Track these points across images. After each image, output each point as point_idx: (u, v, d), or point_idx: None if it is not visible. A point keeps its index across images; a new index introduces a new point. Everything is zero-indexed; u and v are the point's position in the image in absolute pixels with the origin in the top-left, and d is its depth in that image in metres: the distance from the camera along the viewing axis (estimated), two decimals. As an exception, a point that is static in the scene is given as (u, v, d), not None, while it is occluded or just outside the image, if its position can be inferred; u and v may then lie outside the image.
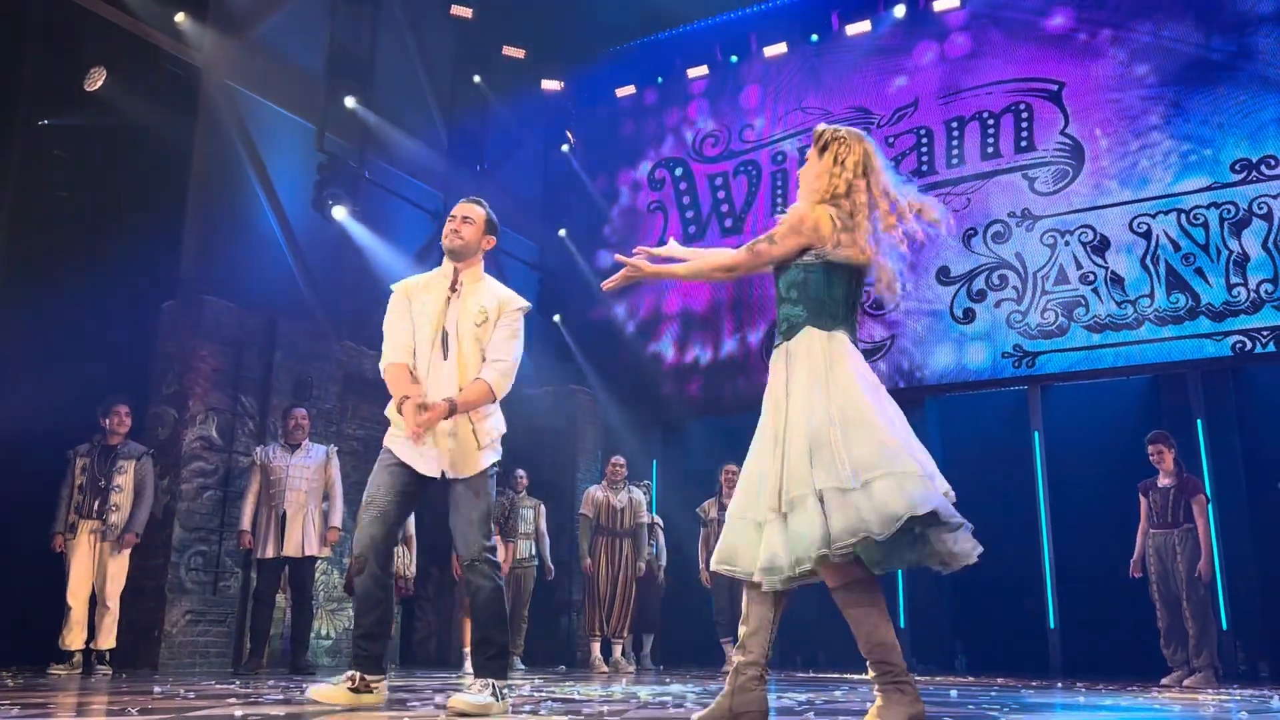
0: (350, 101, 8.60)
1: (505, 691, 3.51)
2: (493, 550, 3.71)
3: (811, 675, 7.60)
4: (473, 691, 3.42)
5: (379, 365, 3.83)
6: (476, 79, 10.42)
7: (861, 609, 2.68)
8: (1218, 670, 6.66)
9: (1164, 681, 6.65)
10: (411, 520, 7.82)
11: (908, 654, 8.76)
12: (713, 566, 2.98)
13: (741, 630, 2.94)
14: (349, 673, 3.63)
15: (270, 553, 6.60)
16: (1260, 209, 8.13)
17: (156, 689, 4.50)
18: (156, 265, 7.50)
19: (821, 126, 3.09)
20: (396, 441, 3.74)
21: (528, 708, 3.76)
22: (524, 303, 3.83)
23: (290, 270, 8.53)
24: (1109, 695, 5.42)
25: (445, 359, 3.70)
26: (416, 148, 9.79)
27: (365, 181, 8.75)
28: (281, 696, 4.14)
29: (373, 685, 3.61)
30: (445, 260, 3.83)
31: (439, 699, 4.16)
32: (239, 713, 3.31)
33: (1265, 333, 7.90)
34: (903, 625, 8.94)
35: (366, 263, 8.74)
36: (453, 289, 3.77)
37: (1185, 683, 6.54)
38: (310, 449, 6.83)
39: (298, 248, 8.59)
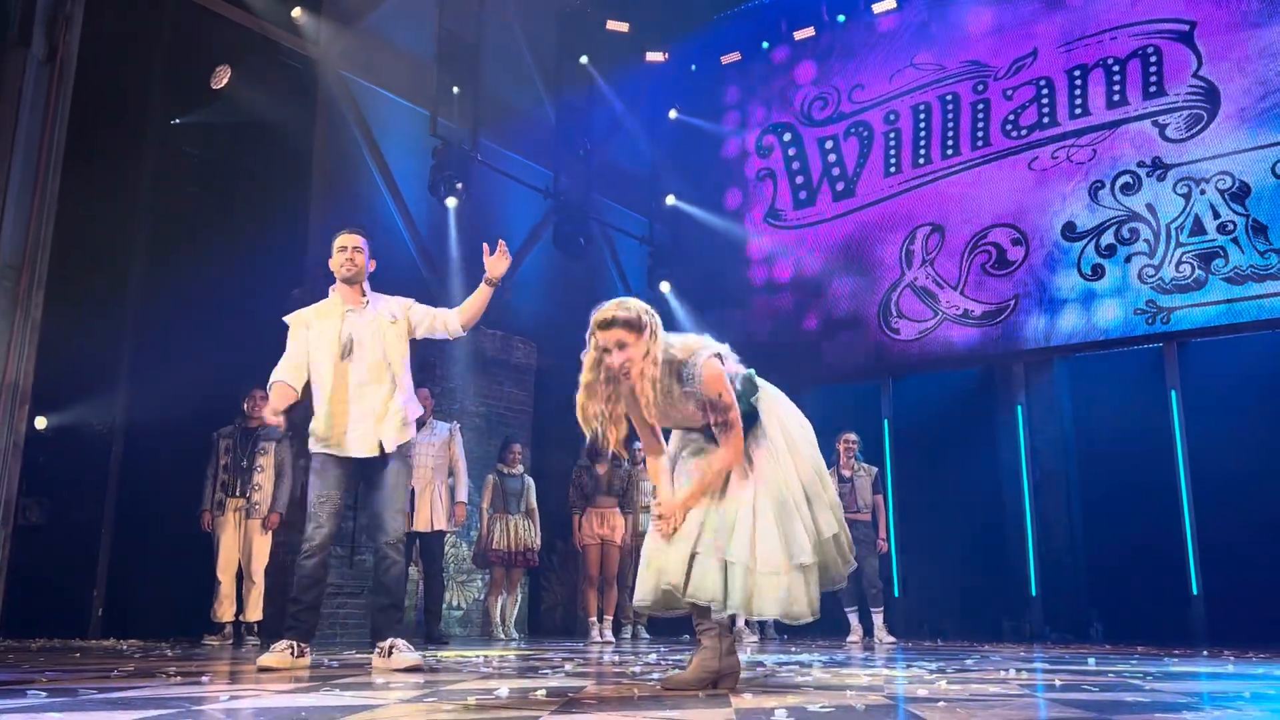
0: (459, 86, 8.74)
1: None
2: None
3: (939, 645, 7.47)
4: (403, 650, 4.04)
5: (272, 379, 4.37)
6: (583, 59, 10.46)
7: None
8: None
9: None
10: (534, 494, 8.00)
11: (1040, 622, 8.55)
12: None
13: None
14: (287, 642, 4.08)
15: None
16: None
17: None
18: (285, 253, 7.80)
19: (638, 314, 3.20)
20: (322, 444, 4.25)
21: (655, 675, 3.81)
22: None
23: (411, 254, 8.77)
24: (1260, 664, 5.17)
25: (350, 359, 4.26)
26: (525, 128, 9.90)
27: (477, 164, 8.90)
28: (422, 665, 4.29)
29: (305, 652, 4.14)
30: (337, 286, 4.40)
31: (568, 667, 4.25)
32: (380, 680, 3.45)
33: None
34: (1034, 594, 8.71)
35: (483, 244, 8.89)
36: (352, 308, 4.35)
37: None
38: (434, 426, 7.04)
39: (417, 232, 8.82)
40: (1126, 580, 8.38)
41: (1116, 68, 9.01)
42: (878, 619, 7.96)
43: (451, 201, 8.51)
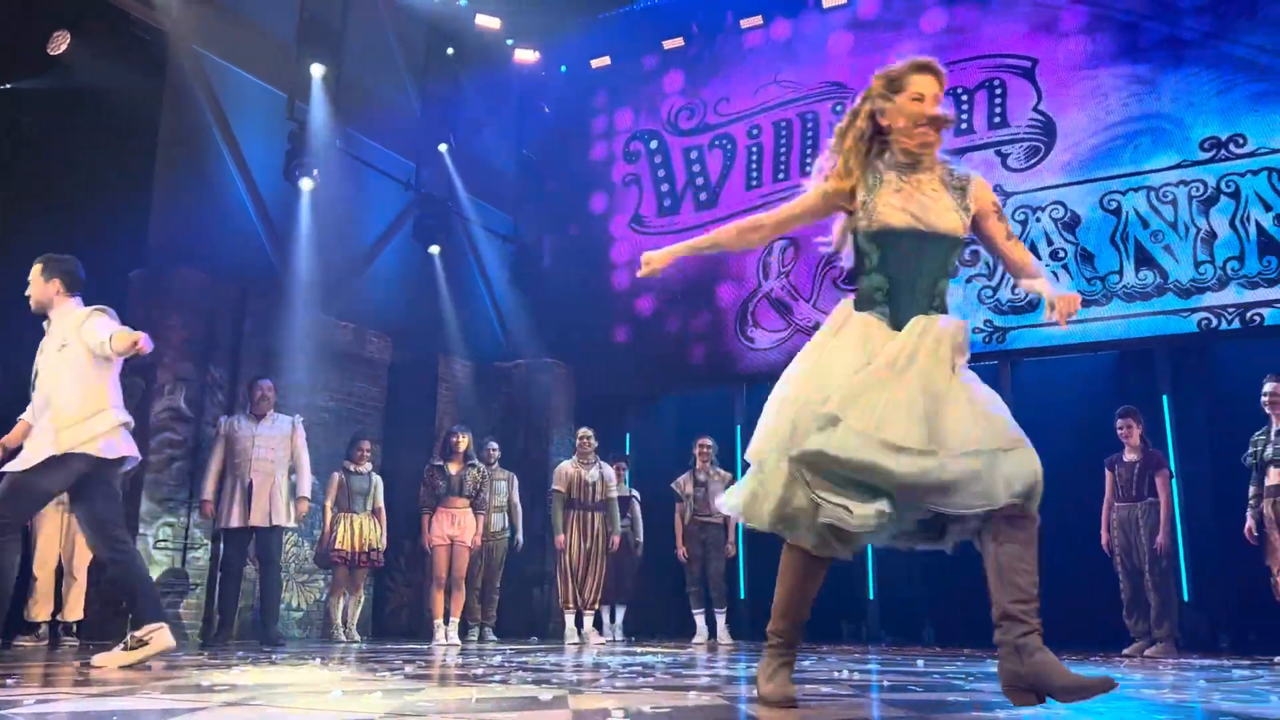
0: (319, 70, 8.47)
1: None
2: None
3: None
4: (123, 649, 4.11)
5: None
6: (450, 51, 10.31)
7: None
8: (1178, 640, 6.78)
9: (1126, 651, 6.77)
10: (381, 493, 7.82)
11: (877, 625, 8.89)
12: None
13: None
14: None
15: (236, 522, 6.57)
16: (1228, 187, 8.21)
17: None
18: (124, 233, 7.40)
19: None
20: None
21: (498, 677, 3.77)
22: (92, 311, 4.38)
23: (260, 240, 8.45)
24: (1072, 665, 5.50)
25: (35, 390, 4.37)
26: (389, 118, 9.68)
27: (336, 150, 8.65)
28: (251, 667, 4.13)
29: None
30: None
31: (408, 669, 4.17)
32: (205, 682, 3.30)
33: (1230, 310, 7.99)
34: (871, 598, 9.05)
35: (338, 233, 8.66)
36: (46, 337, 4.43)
37: (1147, 653, 6.66)
38: (276, 419, 6.81)
39: (268, 217, 8.51)
40: (958, 585, 8.78)
41: (965, 97, 9.47)
42: (720, 620, 8.13)
43: (306, 184, 8.24)
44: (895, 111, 2.73)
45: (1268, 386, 6.22)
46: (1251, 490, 6.29)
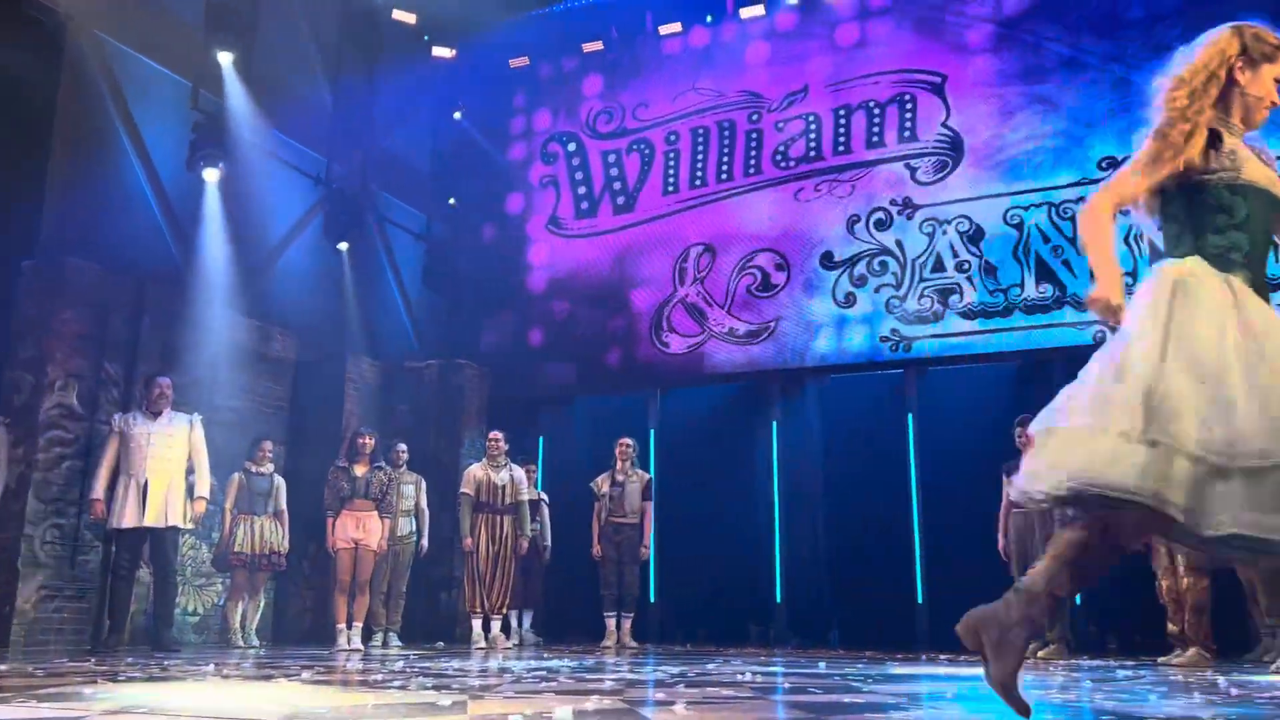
0: (228, 58, 8.23)
1: None
2: None
3: (689, 649, 7.72)
4: None
5: None
6: (363, 44, 10.12)
7: None
8: (1069, 642, 7.01)
9: (1020, 653, 6.96)
10: (284, 494, 7.64)
11: (783, 627, 9.00)
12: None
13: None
14: None
15: (129, 522, 6.33)
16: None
17: (2, 666, 4.28)
18: (16, 222, 7.09)
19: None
20: None
21: (398, 682, 3.71)
22: None
23: (161, 232, 8.17)
24: (967, 666, 5.65)
25: None
26: (300, 111, 9.47)
27: (244, 142, 8.42)
28: (140, 674, 3.99)
29: None
30: None
31: (305, 675, 4.07)
32: (88, 690, 3.18)
33: (1123, 323, 8.30)
34: (779, 601, 9.17)
35: (244, 227, 8.44)
36: None
37: (1039, 654, 6.87)
38: (173, 417, 6.58)
39: (170, 209, 8.24)
40: (862, 588, 8.97)
41: (877, 110, 9.67)
42: (626, 624, 8.14)
43: (211, 175, 8.00)
44: (1257, 80, 2.47)
45: (1155, 398, 6.47)
46: (1139, 497, 6.53)
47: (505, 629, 8.19)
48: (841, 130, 9.78)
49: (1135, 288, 2.35)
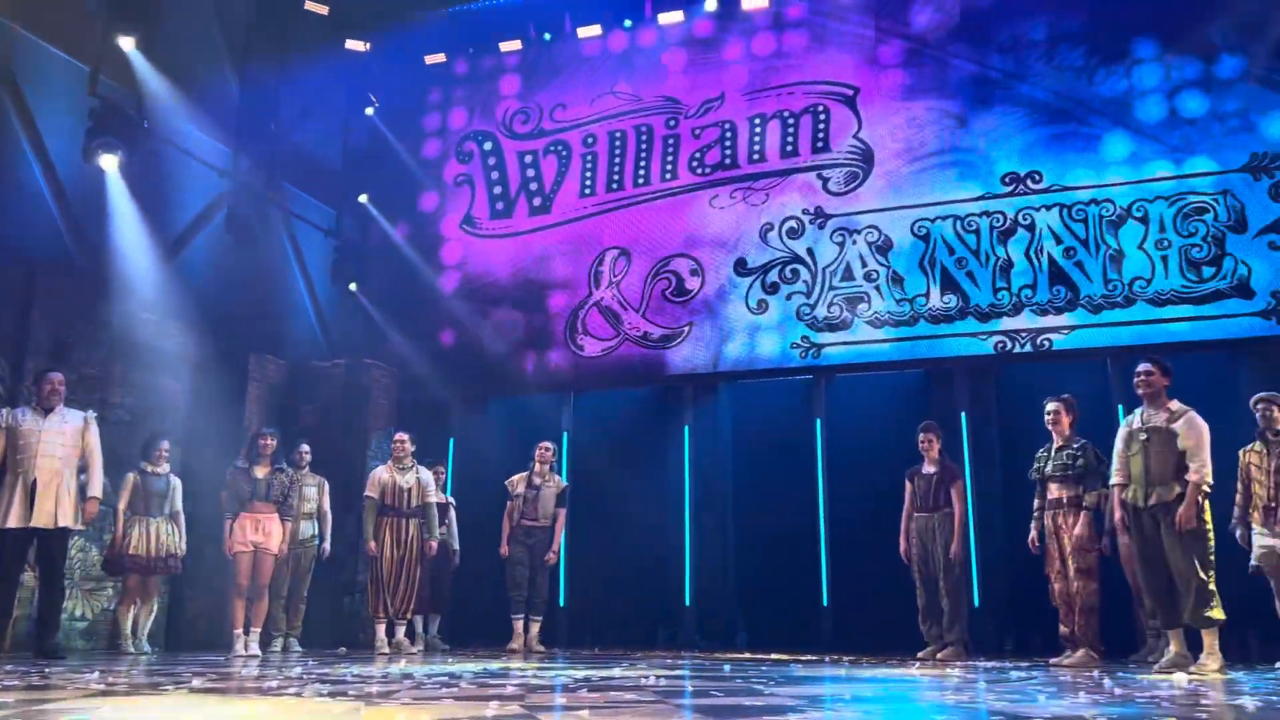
0: (129, 43, 7.95)
1: None
2: None
3: (597, 652, 7.69)
4: None
5: None
6: (273, 33, 9.87)
7: None
8: (968, 644, 7.19)
9: (920, 655, 7.13)
10: (180, 496, 7.39)
11: (691, 630, 9.04)
12: None
13: None
14: None
15: (15, 523, 6.04)
16: (1025, 220, 8.81)
17: None
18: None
19: None
20: None
21: (292, 689, 3.61)
22: None
23: (55, 221, 7.84)
24: (869, 668, 5.76)
25: None
26: (205, 100, 9.19)
27: (144, 132, 8.14)
28: (19, 683, 3.81)
29: None
30: None
31: (196, 682, 3.94)
32: (-43, 700, 3.01)
33: (1024, 334, 8.58)
34: (688, 604, 9.21)
35: (144, 219, 8.14)
36: None
37: (939, 656, 7.03)
38: (65, 414, 6.30)
39: (64, 198, 7.91)
40: (770, 592, 9.08)
41: (791, 120, 9.81)
42: (535, 628, 8.10)
43: (109, 164, 7.71)
44: None
45: (1050, 406, 6.70)
46: (1035, 503, 6.76)
47: (410, 634, 8.07)
48: (757, 139, 9.89)
49: (1032, 302, 2.45)
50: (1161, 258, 8.38)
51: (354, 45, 10.64)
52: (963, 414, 8.77)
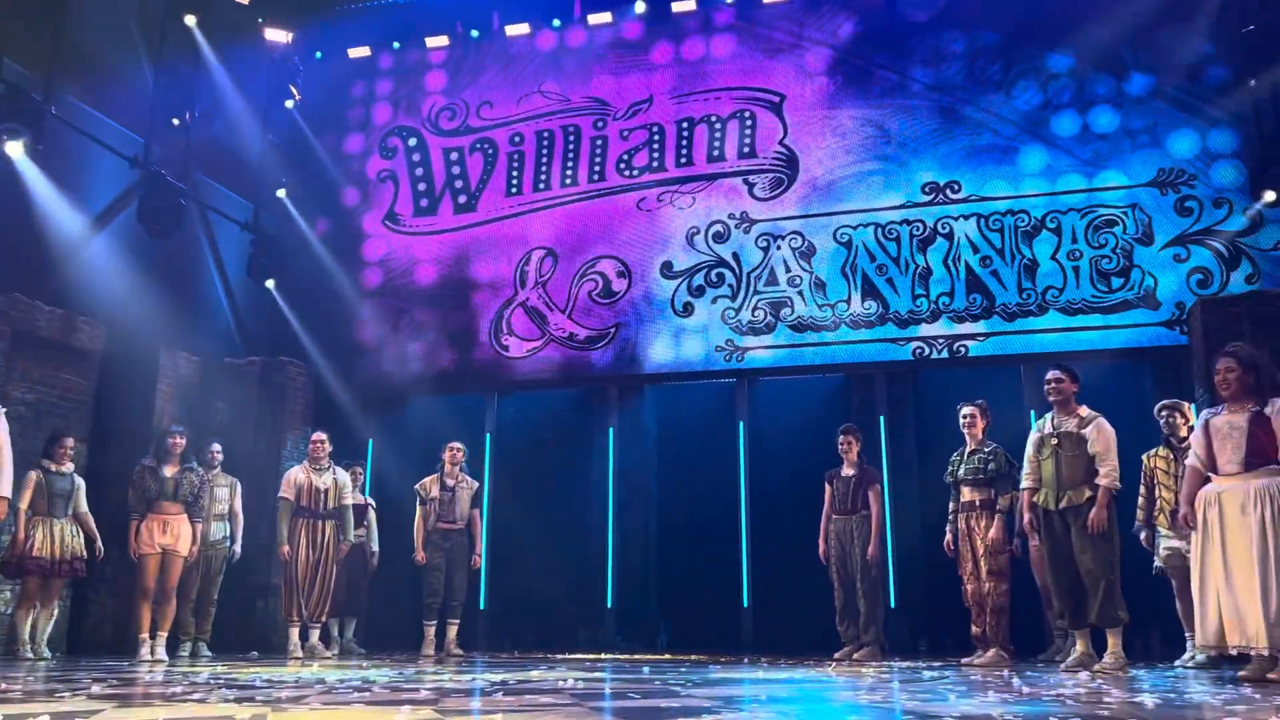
0: (34, 24, 7.64)
1: None
2: None
3: (517, 655, 7.62)
4: None
5: None
6: (190, 19, 9.60)
7: None
8: (883, 645, 7.30)
9: (836, 656, 7.21)
10: (84, 496, 7.12)
11: (612, 632, 9.02)
12: None
13: None
14: None
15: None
16: (944, 229, 8.99)
17: None
18: None
19: None
20: None
21: (197, 695, 3.50)
22: None
23: (-49, 210, 7.51)
24: (787, 669, 5.80)
25: None
26: (116, 87, 8.88)
27: (51, 118, 7.83)
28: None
29: None
30: None
31: (96, 689, 3.79)
32: None
33: (940, 340, 8.75)
34: (610, 606, 9.19)
35: (46, 208, 7.84)
36: None
37: (855, 656, 7.12)
38: (-37, 410, 6.03)
39: (-38, 185, 7.57)
40: (692, 593, 9.10)
41: (719, 125, 9.87)
42: (452, 631, 7.98)
43: (14, 150, 7.40)
44: None
45: (965, 410, 6.85)
46: (950, 506, 6.90)
47: (325, 638, 7.90)
48: (684, 142, 9.92)
49: (949, 309, 2.51)
50: (1073, 268, 8.63)
51: (275, 35, 10.39)
52: (881, 418, 8.92)
